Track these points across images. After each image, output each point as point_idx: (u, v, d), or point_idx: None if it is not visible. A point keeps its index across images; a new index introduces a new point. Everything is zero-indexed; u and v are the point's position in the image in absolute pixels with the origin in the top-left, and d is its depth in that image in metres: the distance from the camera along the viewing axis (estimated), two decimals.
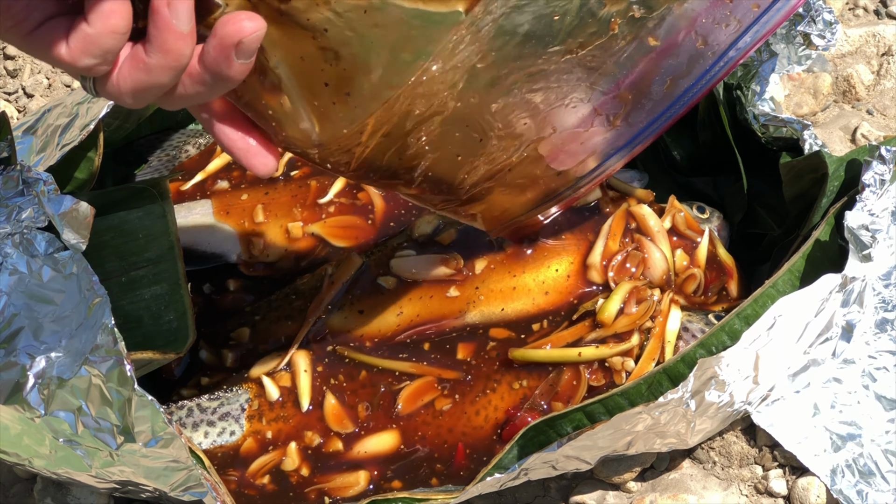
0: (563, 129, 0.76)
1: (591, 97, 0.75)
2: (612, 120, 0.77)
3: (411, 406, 0.89)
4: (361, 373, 0.91)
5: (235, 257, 0.99)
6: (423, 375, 0.90)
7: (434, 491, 0.84)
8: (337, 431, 0.89)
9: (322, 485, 0.87)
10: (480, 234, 0.95)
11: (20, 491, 0.90)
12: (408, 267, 0.94)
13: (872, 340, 0.89)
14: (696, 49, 0.76)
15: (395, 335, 0.92)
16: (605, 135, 0.78)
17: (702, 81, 0.78)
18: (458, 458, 0.87)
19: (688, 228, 0.97)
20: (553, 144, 0.77)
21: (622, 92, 0.76)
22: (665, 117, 0.79)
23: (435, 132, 0.71)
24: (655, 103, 0.78)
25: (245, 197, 1.01)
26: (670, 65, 0.76)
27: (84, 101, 0.97)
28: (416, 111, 0.68)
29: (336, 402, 0.90)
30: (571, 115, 0.75)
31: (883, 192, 0.87)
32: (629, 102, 0.76)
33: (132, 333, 0.84)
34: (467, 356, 0.91)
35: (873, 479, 0.85)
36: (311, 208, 1.00)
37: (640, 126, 0.79)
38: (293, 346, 0.92)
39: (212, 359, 0.94)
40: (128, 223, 0.89)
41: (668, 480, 0.88)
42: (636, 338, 0.89)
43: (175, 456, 0.75)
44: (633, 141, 0.80)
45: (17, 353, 0.75)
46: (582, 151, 0.79)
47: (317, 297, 0.94)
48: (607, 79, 0.74)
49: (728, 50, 0.76)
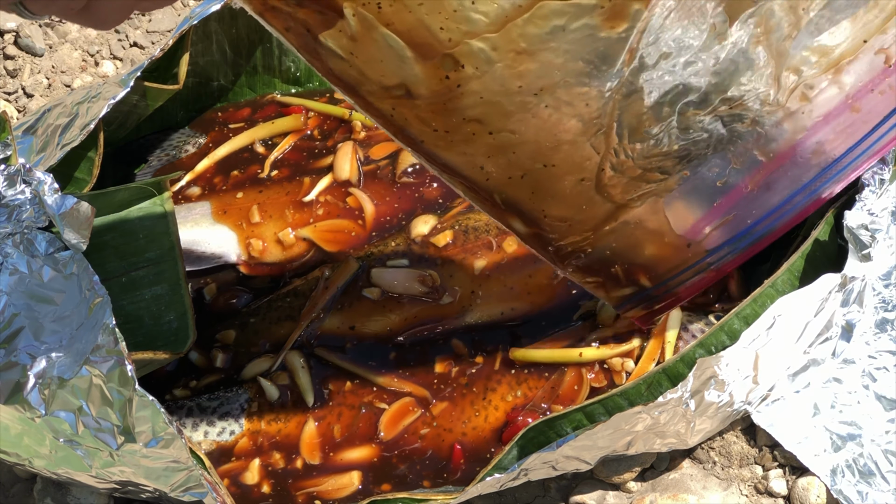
0: (694, 179, 0.75)
1: (732, 150, 0.74)
2: (749, 180, 0.76)
3: (393, 430, 0.89)
4: (346, 383, 0.91)
5: (235, 257, 0.99)
6: (405, 392, 0.90)
7: (434, 491, 0.84)
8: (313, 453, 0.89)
9: (312, 488, 0.87)
10: (479, 235, 0.95)
11: (20, 491, 0.90)
12: (387, 280, 0.94)
13: (872, 340, 0.89)
14: (850, 117, 0.74)
15: (393, 336, 0.92)
16: (741, 199, 0.77)
17: (853, 154, 0.76)
18: (455, 459, 0.87)
19: None
20: (682, 199, 0.76)
21: (762, 149, 0.74)
22: (809, 192, 0.77)
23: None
24: (801, 171, 0.76)
25: (240, 195, 1.01)
26: (822, 129, 0.75)
27: (84, 100, 0.97)
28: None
29: (315, 428, 0.89)
30: (704, 165, 0.74)
31: (882, 192, 0.87)
32: (770, 164, 0.75)
33: (132, 333, 0.84)
34: (467, 356, 0.91)
35: (873, 479, 0.85)
36: (303, 207, 1.00)
37: (781, 195, 0.77)
38: (286, 348, 0.92)
39: (202, 360, 0.94)
40: (128, 223, 0.89)
41: (668, 480, 0.88)
42: (637, 339, 0.89)
43: (175, 456, 0.75)
44: (771, 214, 0.78)
45: (18, 353, 0.75)
46: (712, 216, 0.77)
47: (311, 300, 0.94)
48: (751, 133, 0.73)
49: (885, 120, 0.75)
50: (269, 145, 1.07)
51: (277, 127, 1.08)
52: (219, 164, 1.06)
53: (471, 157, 0.71)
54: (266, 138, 1.07)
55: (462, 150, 0.71)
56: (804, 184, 0.77)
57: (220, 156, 1.06)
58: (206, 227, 1.00)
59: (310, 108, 1.09)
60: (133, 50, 1.27)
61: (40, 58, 1.25)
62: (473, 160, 0.72)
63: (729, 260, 0.82)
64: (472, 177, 0.73)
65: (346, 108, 1.07)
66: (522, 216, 0.76)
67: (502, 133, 0.69)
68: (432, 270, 0.93)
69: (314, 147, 1.05)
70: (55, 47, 1.26)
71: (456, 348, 0.91)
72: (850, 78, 0.73)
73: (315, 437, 0.89)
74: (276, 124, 1.08)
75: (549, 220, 0.76)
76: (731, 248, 0.80)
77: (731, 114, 0.72)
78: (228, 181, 1.04)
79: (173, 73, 1.01)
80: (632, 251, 0.79)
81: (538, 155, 0.71)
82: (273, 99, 1.11)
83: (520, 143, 0.70)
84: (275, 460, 0.88)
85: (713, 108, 0.71)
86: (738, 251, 0.82)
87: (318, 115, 1.08)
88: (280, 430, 0.89)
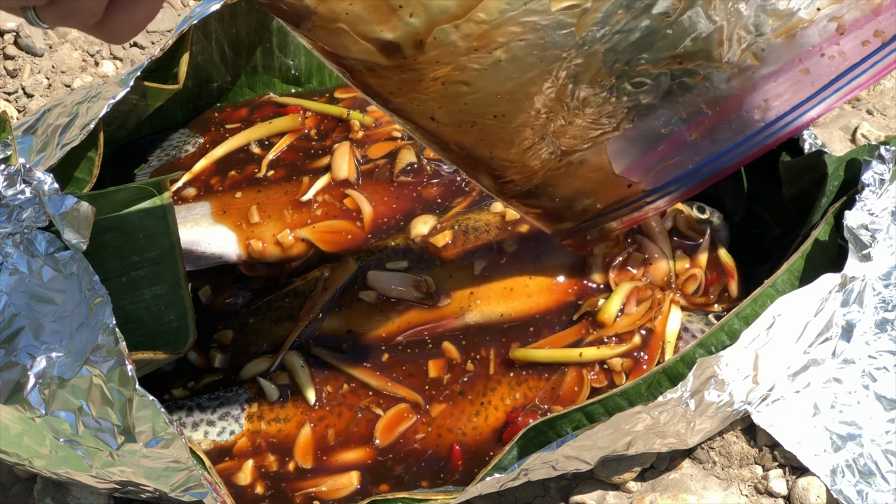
0: (640, 125, 0.75)
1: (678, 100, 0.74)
2: (693, 129, 0.76)
3: (389, 436, 0.89)
4: (344, 385, 0.91)
5: (235, 258, 0.99)
6: (401, 397, 0.90)
7: (434, 491, 0.84)
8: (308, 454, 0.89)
9: (311, 489, 0.87)
10: (479, 235, 0.95)
11: (20, 491, 0.90)
12: (383, 284, 0.94)
13: (872, 340, 0.89)
14: (797, 76, 0.75)
15: (392, 337, 0.92)
16: (683, 146, 0.77)
17: (798, 111, 0.76)
18: (454, 460, 0.87)
19: (689, 229, 0.97)
20: (626, 142, 0.76)
21: (709, 102, 0.75)
22: (752, 143, 0.78)
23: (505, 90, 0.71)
24: (745, 124, 0.77)
25: (239, 195, 1.01)
26: (770, 87, 0.75)
27: (84, 100, 0.97)
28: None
29: (311, 430, 0.90)
30: (652, 114, 0.75)
31: (882, 192, 0.87)
32: (716, 116, 0.76)
33: (132, 333, 0.84)
34: (467, 356, 0.91)
35: (873, 479, 0.85)
36: (302, 207, 1.00)
37: (723, 145, 0.78)
38: (284, 348, 0.92)
39: (200, 360, 0.94)
40: (128, 223, 0.89)
41: (668, 480, 0.88)
42: (637, 339, 0.89)
43: (176, 456, 0.75)
44: (712, 162, 0.79)
45: (18, 352, 0.75)
46: (653, 160, 0.78)
47: (310, 300, 0.94)
48: (700, 87, 0.74)
49: (832, 84, 0.75)
50: (265, 145, 1.06)
51: (275, 127, 1.08)
52: (216, 164, 1.05)
53: (422, 106, 0.72)
54: (263, 138, 1.07)
55: (414, 98, 0.72)
56: (747, 136, 0.78)
57: (217, 156, 1.06)
58: (205, 227, 1.00)
59: (307, 108, 1.08)
60: (133, 50, 1.27)
61: (40, 58, 1.25)
62: (424, 108, 0.73)
63: (667, 200, 0.83)
64: (424, 125, 0.74)
65: (344, 108, 1.07)
66: (467, 156, 0.77)
67: (455, 85, 0.70)
68: (427, 276, 0.93)
69: (311, 147, 1.05)
70: (55, 47, 1.26)
71: (456, 349, 0.91)
72: (802, 42, 0.74)
73: (310, 441, 0.89)
74: (273, 124, 1.08)
75: (495, 160, 0.77)
76: (667, 189, 0.82)
77: (683, 69, 0.72)
78: (226, 181, 1.04)
79: (173, 73, 1.01)
80: (574, 187, 0.80)
81: (489, 107, 0.72)
82: (269, 99, 1.11)
83: (471, 94, 0.71)
84: (269, 462, 0.88)
85: (665, 64, 0.72)
86: (675, 193, 0.83)
87: (316, 115, 1.08)
88: (280, 429, 0.89)
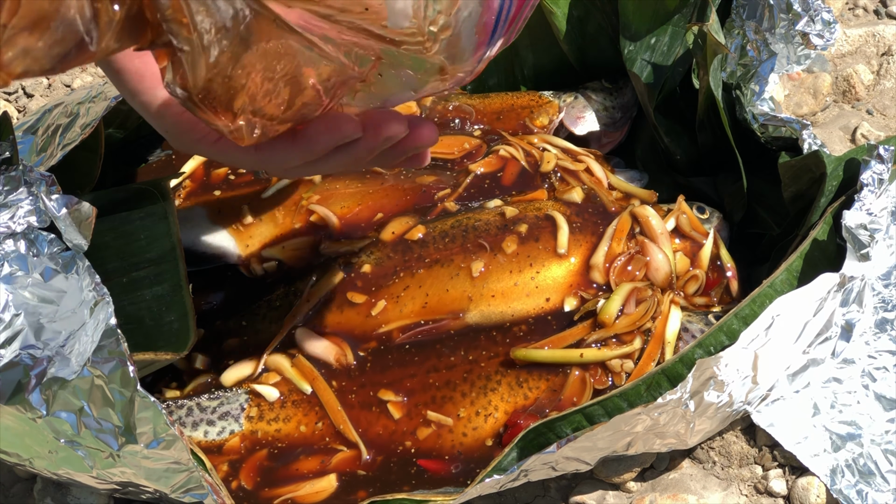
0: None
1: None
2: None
3: (377, 449, 0.88)
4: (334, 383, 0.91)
5: (235, 258, 0.99)
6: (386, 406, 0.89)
7: (434, 492, 0.84)
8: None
9: (289, 494, 0.87)
10: (479, 235, 0.95)
11: (20, 491, 0.90)
12: (306, 346, 0.92)
13: (872, 340, 0.89)
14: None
15: (392, 337, 0.92)
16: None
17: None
18: (453, 461, 0.87)
19: (692, 230, 0.97)
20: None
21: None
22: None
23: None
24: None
25: (232, 195, 1.01)
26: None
27: (84, 100, 0.97)
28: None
29: (302, 431, 0.89)
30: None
31: (881, 192, 0.87)
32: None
33: (133, 334, 0.84)
34: (467, 356, 0.91)
35: (873, 478, 0.85)
36: (294, 209, 0.99)
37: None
38: (265, 353, 0.92)
39: (182, 362, 0.93)
40: (129, 224, 0.89)
41: (668, 480, 0.88)
42: (638, 341, 0.89)
43: (176, 457, 0.75)
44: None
45: (19, 353, 0.75)
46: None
47: (294, 307, 0.94)
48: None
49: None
50: None
51: None
52: (205, 164, 1.05)
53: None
54: None
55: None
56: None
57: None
58: (204, 227, 1.00)
59: None
60: None
61: None
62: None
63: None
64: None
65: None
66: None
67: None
68: (349, 349, 0.92)
69: None
70: None
71: (455, 349, 0.91)
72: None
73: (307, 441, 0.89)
74: None
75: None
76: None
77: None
78: (221, 182, 1.04)
79: None
80: None
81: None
82: None
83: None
84: (260, 462, 0.88)
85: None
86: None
87: None
88: (280, 429, 0.89)
